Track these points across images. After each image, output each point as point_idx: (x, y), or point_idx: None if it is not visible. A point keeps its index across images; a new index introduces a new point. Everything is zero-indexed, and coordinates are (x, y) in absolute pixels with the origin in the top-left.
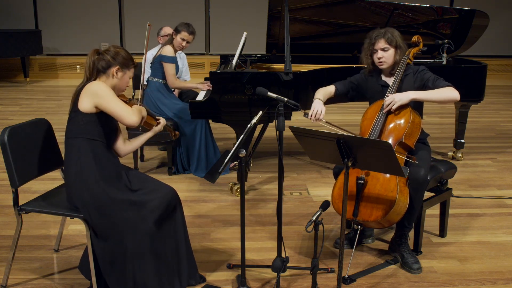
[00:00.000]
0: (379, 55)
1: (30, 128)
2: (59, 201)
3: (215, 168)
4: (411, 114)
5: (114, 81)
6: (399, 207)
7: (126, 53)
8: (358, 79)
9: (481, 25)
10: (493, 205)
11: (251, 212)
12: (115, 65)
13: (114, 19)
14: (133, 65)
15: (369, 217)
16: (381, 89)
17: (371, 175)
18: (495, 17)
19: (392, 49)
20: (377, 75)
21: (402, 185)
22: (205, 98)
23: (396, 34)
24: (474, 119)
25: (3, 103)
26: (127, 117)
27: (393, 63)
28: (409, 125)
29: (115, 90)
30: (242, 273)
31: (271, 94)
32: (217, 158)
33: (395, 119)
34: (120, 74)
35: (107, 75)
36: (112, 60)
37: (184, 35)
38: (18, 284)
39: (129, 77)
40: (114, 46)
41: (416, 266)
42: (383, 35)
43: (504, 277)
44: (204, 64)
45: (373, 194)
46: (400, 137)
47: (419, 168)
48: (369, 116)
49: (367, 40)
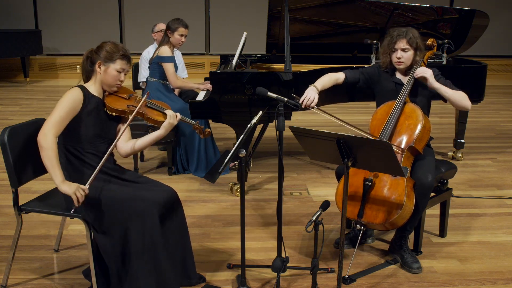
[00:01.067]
0: (398, 55)
1: (30, 128)
2: (59, 201)
3: (215, 168)
4: (423, 119)
5: (99, 78)
6: (405, 212)
7: (113, 46)
8: (370, 72)
9: (481, 25)
10: (493, 205)
11: (251, 212)
12: (98, 59)
13: (114, 19)
14: (119, 56)
15: (374, 219)
16: (394, 87)
17: (379, 178)
18: (495, 17)
19: (412, 50)
20: (392, 72)
21: (409, 190)
22: (205, 98)
23: (417, 35)
24: (474, 119)
25: (3, 103)
26: (41, 131)
27: (411, 64)
28: (421, 130)
29: (105, 87)
30: (242, 273)
31: (271, 94)
32: (217, 158)
33: (407, 122)
34: (103, 68)
35: (94, 73)
36: (95, 55)
37: (182, 31)
38: (18, 284)
39: (116, 70)
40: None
41: (416, 266)
42: (405, 35)
43: (504, 277)
44: (204, 64)
45: (380, 197)
46: (411, 141)
47: (427, 174)
48: (380, 116)
49: (387, 37)
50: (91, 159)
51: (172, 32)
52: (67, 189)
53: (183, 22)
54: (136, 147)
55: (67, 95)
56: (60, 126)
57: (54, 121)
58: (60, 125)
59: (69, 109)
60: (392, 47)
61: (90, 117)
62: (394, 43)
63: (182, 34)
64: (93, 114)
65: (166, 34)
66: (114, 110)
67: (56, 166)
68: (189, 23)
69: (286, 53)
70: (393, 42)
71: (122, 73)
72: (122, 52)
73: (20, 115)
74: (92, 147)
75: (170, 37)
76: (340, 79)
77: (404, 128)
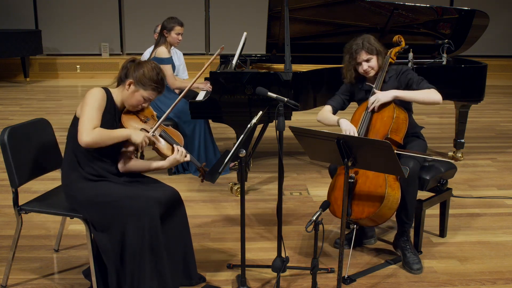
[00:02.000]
0: (364, 67)
1: (30, 128)
2: (59, 201)
3: (215, 168)
4: (395, 110)
5: (125, 94)
6: (390, 202)
7: (152, 73)
8: (346, 89)
9: (481, 25)
10: (493, 205)
11: (251, 212)
12: (131, 78)
13: (114, 19)
14: (153, 87)
15: (361, 215)
16: (365, 94)
17: (360, 173)
18: (495, 17)
19: (374, 57)
20: (361, 82)
21: (391, 180)
22: (205, 98)
23: (373, 41)
24: (474, 119)
25: (3, 103)
26: (81, 133)
27: (378, 68)
28: (393, 121)
29: (126, 104)
30: (242, 273)
31: (271, 94)
32: (217, 158)
33: (380, 116)
34: (132, 89)
35: (123, 85)
36: (132, 71)
37: (178, 29)
38: (18, 284)
39: (143, 97)
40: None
41: (416, 267)
42: (362, 46)
43: (504, 277)
44: (204, 64)
45: (363, 192)
46: (385, 133)
47: (408, 161)
48: (356, 117)
49: (346, 55)
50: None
51: (168, 32)
52: (137, 138)
53: (178, 20)
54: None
55: (92, 92)
56: (97, 122)
57: (90, 119)
58: (97, 121)
59: (100, 106)
60: (355, 62)
61: (105, 121)
62: (355, 58)
63: (179, 33)
64: (108, 119)
65: (162, 35)
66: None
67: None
68: (189, 23)
69: (286, 53)
70: (354, 58)
71: (146, 102)
72: (157, 84)
73: (20, 115)
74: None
75: (166, 37)
76: (330, 110)
77: (378, 123)
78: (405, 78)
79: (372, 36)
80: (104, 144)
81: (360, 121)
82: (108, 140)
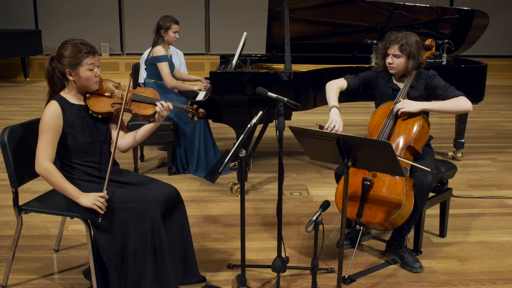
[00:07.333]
0: (389, 60)
1: (30, 128)
2: (59, 201)
3: (215, 168)
4: (422, 119)
5: (76, 84)
6: (404, 211)
7: (72, 48)
8: (369, 77)
9: (481, 25)
10: (493, 205)
11: (251, 212)
12: (64, 68)
13: (114, 19)
14: (84, 56)
15: (373, 219)
16: (391, 92)
17: (378, 177)
18: (495, 17)
19: (404, 57)
20: (388, 77)
21: (408, 189)
22: (205, 98)
23: (413, 42)
24: (474, 119)
25: (3, 103)
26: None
27: (404, 70)
28: (419, 130)
29: (87, 89)
30: (242, 273)
31: (271, 94)
32: (217, 158)
33: (405, 123)
34: (74, 74)
35: (67, 81)
36: (59, 65)
37: (175, 28)
38: (18, 284)
39: (88, 70)
40: (62, 44)
41: (417, 265)
42: (398, 40)
43: (504, 277)
44: (204, 64)
45: (378, 196)
46: (409, 141)
47: (428, 174)
48: (378, 117)
49: (383, 41)
50: (90, 167)
51: (166, 31)
52: (87, 203)
53: (174, 18)
54: (137, 139)
55: (45, 114)
56: (51, 150)
57: (44, 147)
58: (51, 148)
59: (52, 129)
60: (385, 52)
61: (76, 127)
62: (387, 48)
63: (176, 31)
64: (77, 123)
65: (160, 34)
66: (100, 113)
67: (66, 187)
68: (189, 23)
69: (286, 53)
70: (386, 47)
71: (95, 69)
72: (84, 50)
73: (20, 115)
74: (88, 155)
75: (164, 36)
76: (344, 86)
77: (402, 128)
78: (431, 84)
79: (418, 38)
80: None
81: (383, 123)
82: (54, 186)
